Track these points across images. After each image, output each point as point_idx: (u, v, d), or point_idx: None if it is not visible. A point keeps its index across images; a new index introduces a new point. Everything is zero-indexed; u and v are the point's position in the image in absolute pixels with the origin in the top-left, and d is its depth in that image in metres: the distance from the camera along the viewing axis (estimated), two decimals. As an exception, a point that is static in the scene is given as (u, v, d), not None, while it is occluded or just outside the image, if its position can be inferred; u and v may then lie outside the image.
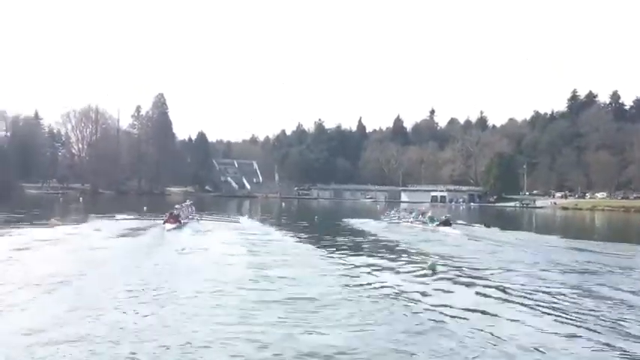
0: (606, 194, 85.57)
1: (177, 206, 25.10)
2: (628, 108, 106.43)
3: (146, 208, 35.88)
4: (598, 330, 6.95)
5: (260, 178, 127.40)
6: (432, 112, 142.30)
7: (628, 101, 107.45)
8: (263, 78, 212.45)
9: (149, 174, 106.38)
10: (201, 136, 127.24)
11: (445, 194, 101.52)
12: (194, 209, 28.20)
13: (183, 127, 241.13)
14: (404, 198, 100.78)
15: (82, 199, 63.88)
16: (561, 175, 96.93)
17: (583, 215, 58.37)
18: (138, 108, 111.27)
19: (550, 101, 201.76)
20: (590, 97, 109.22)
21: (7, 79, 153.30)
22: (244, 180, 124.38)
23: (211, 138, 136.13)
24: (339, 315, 7.36)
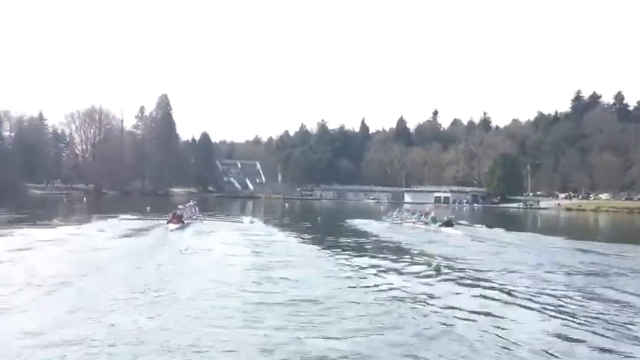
0: (610, 195, 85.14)
1: (180, 206, 25.20)
2: (632, 109, 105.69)
3: (149, 208, 35.87)
4: (606, 334, 6.84)
5: (263, 178, 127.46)
6: (435, 112, 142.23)
7: (632, 102, 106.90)
8: (266, 79, 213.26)
9: (153, 174, 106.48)
10: (205, 137, 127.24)
11: (448, 195, 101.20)
12: (197, 210, 28.23)
13: (186, 128, 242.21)
14: (407, 199, 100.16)
15: (86, 199, 63.98)
16: (565, 176, 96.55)
17: (587, 216, 58.07)
18: (142, 109, 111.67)
19: (554, 102, 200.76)
20: (594, 97, 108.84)
21: (12, 79, 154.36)
22: (247, 181, 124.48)
23: (215, 139, 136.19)
24: (345, 318, 7.23)
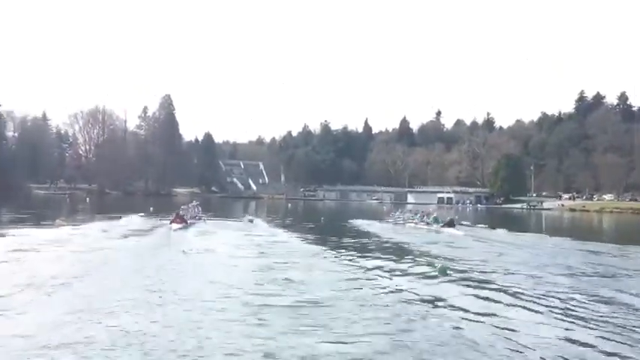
0: (614, 196, 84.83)
1: (183, 207, 25.26)
2: (636, 109, 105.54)
3: (152, 208, 35.87)
4: (617, 339, 6.65)
5: (266, 179, 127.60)
6: (438, 113, 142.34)
7: (636, 102, 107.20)
8: (269, 79, 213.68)
9: (156, 175, 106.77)
10: (208, 137, 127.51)
11: (452, 196, 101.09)
12: (200, 210, 28.24)
13: (189, 128, 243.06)
14: (410, 199, 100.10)
15: (89, 199, 64.15)
16: (569, 177, 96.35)
17: (591, 217, 57.83)
18: (145, 109, 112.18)
19: (557, 102, 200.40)
20: (598, 98, 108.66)
21: (16, 79, 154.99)
22: (250, 181, 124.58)
23: (218, 139, 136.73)
24: (352, 320, 7.08)
